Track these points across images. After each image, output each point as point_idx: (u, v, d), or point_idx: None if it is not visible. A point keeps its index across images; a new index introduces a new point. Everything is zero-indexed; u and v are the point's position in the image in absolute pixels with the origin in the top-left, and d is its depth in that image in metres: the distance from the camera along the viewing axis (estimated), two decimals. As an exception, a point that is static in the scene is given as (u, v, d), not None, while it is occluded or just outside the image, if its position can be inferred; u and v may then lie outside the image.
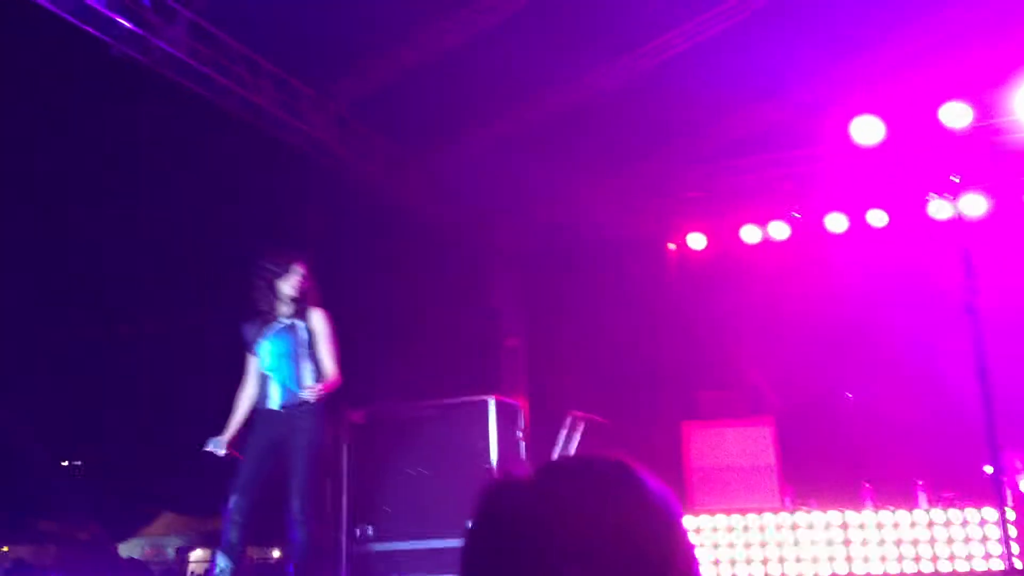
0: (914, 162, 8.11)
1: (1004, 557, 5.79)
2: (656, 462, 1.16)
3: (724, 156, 8.91)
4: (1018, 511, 6.24)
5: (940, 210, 8.16)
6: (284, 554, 5.04)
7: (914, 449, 7.68)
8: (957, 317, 5.22)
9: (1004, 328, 6.69)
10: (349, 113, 7.53)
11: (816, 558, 6.71)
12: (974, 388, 5.09)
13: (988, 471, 5.89)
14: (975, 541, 6.44)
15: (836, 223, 8.98)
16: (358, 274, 8.47)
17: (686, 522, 1.14)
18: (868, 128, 7.83)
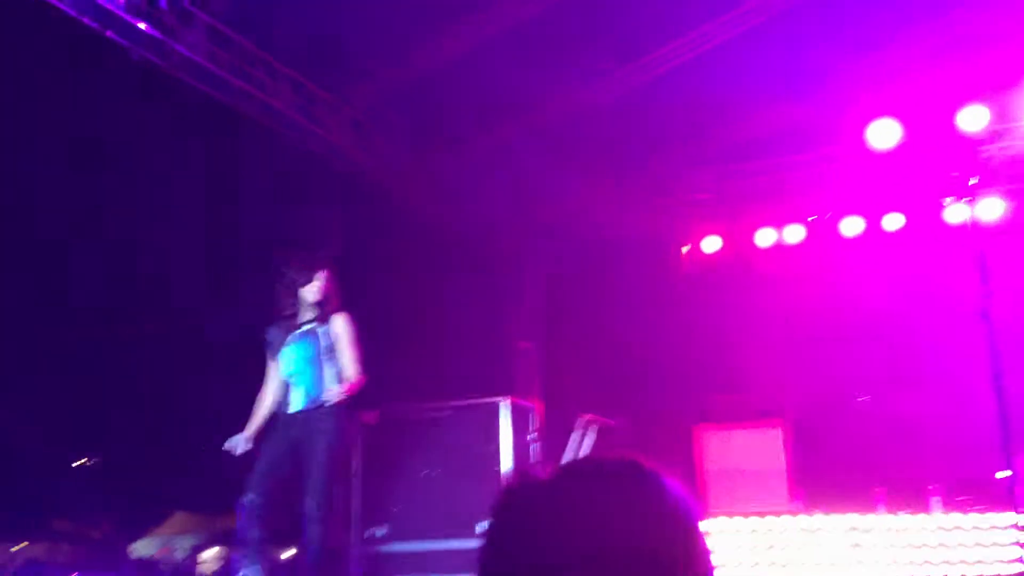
0: (930, 165, 8.07)
1: (1020, 562, 5.77)
2: (668, 465, 1.17)
3: (739, 159, 8.89)
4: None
5: (956, 214, 8.12)
6: (298, 553, 5.05)
7: (927, 453, 7.64)
8: (972, 321, 5.20)
9: (1019, 333, 6.66)
10: (364, 117, 7.56)
11: (827, 562, 6.69)
12: (988, 392, 5.08)
13: (1002, 476, 5.86)
14: (989, 546, 6.41)
15: (851, 226, 8.95)
16: (370, 276, 8.49)
17: (701, 525, 1.13)
18: (885, 131, 7.80)
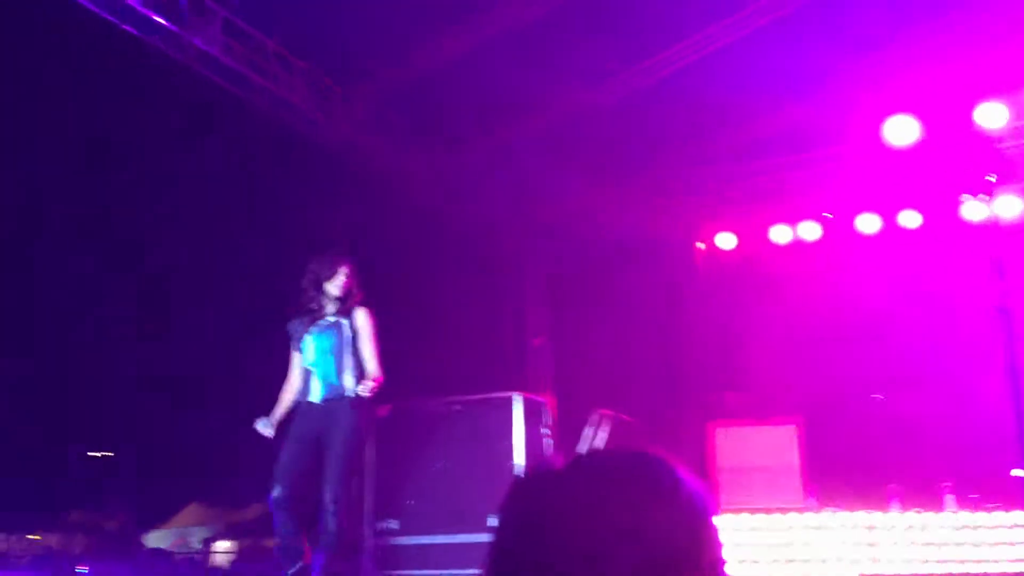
0: (948, 162, 8.02)
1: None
2: (681, 462, 1.17)
3: (754, 156, 8.85)
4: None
5: (974, 211, 8.07)
6: (313, 544, 5.11)
7: (942, 451, 7.61)
8: (988, 319, 5.18)
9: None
10: (379, 112, 7.57)
11: (841, 559, 6.68)
12: (1004, 390, 5.05)
13: (1017, 474, 5.84)
14: (1003, 544, 6.39)
15: (868, 224, 8.90)
16: (384, 271, 8.52)
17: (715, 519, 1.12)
18: (902, 128, 7.75)
